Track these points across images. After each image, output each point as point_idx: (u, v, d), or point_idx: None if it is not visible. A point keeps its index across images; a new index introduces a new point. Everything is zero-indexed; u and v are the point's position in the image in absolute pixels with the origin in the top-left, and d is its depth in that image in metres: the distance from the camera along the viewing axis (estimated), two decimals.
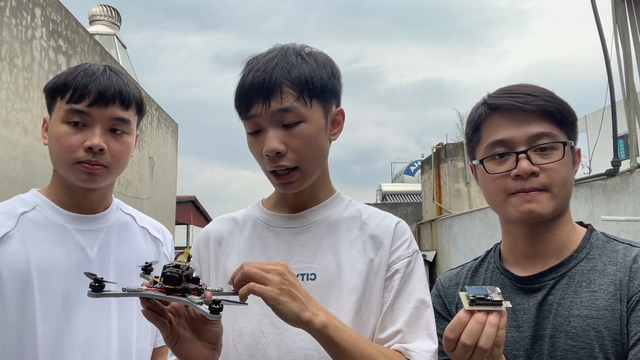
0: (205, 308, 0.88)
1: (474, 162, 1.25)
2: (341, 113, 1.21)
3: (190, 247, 1.04)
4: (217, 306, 0.88)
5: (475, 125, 1.23)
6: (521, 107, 1.15)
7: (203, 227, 1.54)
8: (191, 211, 18.12)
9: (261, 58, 1.13)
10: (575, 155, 1.21)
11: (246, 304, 0.97)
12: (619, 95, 5.98)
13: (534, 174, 1.12)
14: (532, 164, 1.12)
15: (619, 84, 5.91)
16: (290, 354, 1.08)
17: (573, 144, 1.18)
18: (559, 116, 1.16)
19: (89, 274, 0.88)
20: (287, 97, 1.08)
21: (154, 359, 1.44)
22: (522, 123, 1.15)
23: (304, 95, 1.10)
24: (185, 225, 19.06)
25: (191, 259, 1.25)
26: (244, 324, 1.13)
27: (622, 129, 6.19)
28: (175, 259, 0.94)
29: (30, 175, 5.68)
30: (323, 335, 0.97)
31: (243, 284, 0.95)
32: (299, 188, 1.16)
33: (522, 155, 1.13)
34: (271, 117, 1.09)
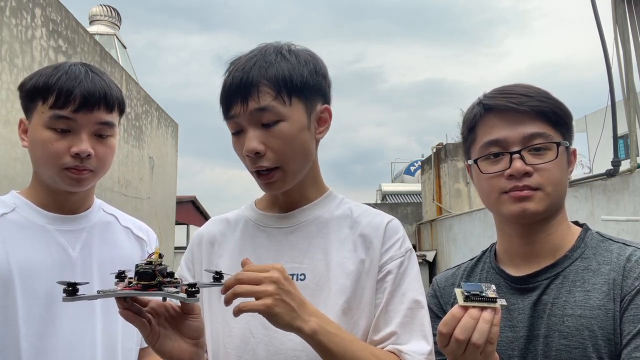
0: (182, 295, 0.89)
1: (469, 161, 1.25)
2: (327, 110, 1.18)
3: (159, 247, 1.05)
4: (193, 289, 0.89)
5: (471, 125, 1.23)
6: (515, 108, 1.15)
7: None
8: (191, 211, 18.13)
9: (243, 58, 1.13)
10: (570, 155, 1.21)
11: (222, 284, 0.97)
12: (619, 95, 5.99)
13: (527, 174, 1.13)
14: (526, 164, 1.13)
15: (619, 84, 5.91)
16: (278, 355, 1.08)
17: (568, 144, 1.19)
18: (554, 117, 1.16)
19: (61, 282, 0.89)
20: (264, 96, 1.07)
21: (140, 359, 1.43)
22: (517, 123, 1.15)
23: (282, 94, 1.08)
24: (185, 225, 19.06)
25: (184, 261, 1.26)
26: (234, 324, 1.12)
27: (622, 129, 6.19)
28: (148, 258, 0.95)
29: (30, 175, 5.68)
30: (313, 341, 0.97)
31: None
32: (281, 188, 1.15)
33: (515, 156, 1.14)
34: (250, 117, 1.08)
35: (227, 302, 0.94)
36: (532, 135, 1.14)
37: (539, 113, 1.15)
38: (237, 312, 0.94)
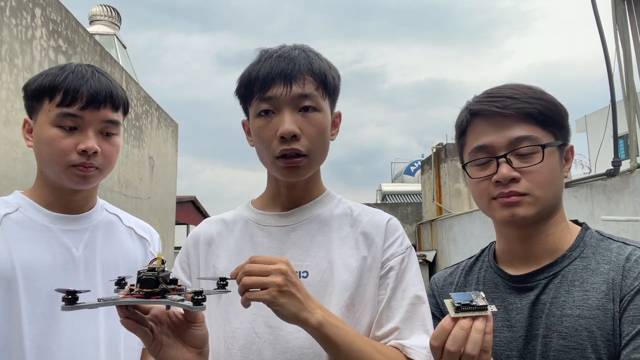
0: (187, 303, 0.87)
1: (462, 165, 1.26)
2: (339, 116, 1.26)
3: (161, 252, 1.03)
4: (200, 297, 0.87)
5: (461, 130, 1.23)
6: (500, 112, 1.14)
7: None
8: (191, 211, 18.11)
9: (278, 49, 1.17)
10: (567, 153, 1.19)
11: (229, 291, 0.97)
12: (619, 95, 5.98)
13: (514, 180, 1.12)
14: (514, 168, 1.12)
15: (619, 84, 5.91)
16: (285, 354, 1.08)
17: (561, 143, 1.16)
18: (541, 117, 1.14)
19: (59, 290, 0.88)
20: (309, 84, 1.13)
21: (143, 359, 1.42)
22: (503, 127, 1.14)
23: (321, 88, 1.15)
24: (185, 225, 19.05)
25: (178, 262, 1.26)
26: (237, 325, 1.13)
27: (622, 129, 6.18)
28: (150, 264, 0.92)
29: (31, 175, 5.68)
30: (319, 334, 0.98)
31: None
32: (302, 176, 1.17)
33: (502, 160, 1.13)
34: (291, 100, 1.11)
35: (241, 294, 0.94)
36: (518, 139, 1.13)
37: (525, 115, 1.13)
38: (244, 301, 0.94)
